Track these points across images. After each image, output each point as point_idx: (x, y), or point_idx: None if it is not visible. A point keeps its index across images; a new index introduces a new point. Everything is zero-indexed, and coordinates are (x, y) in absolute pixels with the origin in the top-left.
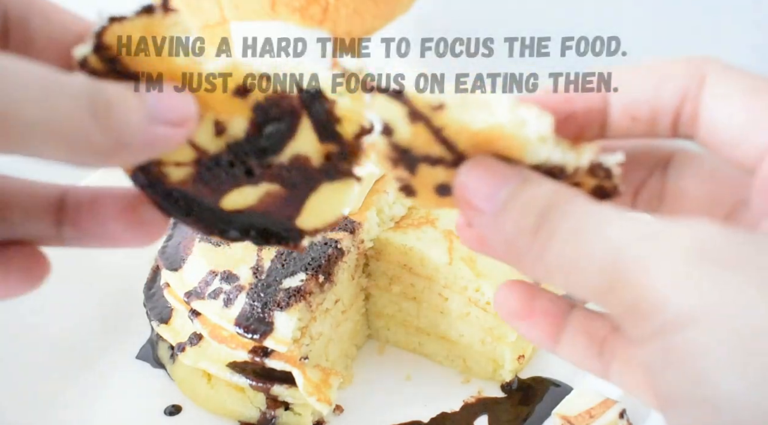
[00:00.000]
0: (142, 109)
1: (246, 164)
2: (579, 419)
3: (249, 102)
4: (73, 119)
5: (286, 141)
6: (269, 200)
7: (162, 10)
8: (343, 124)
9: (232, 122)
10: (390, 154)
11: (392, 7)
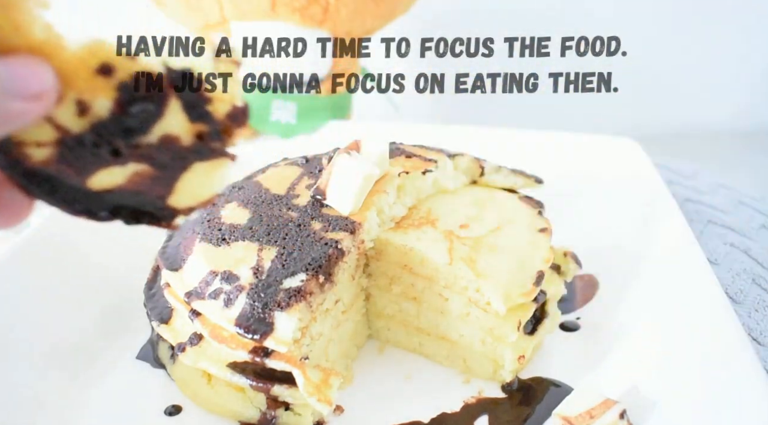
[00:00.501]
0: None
1: (112, 144)
2: (579, 419)
3: (113, 81)
4: None
5: (153, 121)
6: (139, 179)
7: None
8: (215, 104)
9: (96, 101)
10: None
11: (392, 8)
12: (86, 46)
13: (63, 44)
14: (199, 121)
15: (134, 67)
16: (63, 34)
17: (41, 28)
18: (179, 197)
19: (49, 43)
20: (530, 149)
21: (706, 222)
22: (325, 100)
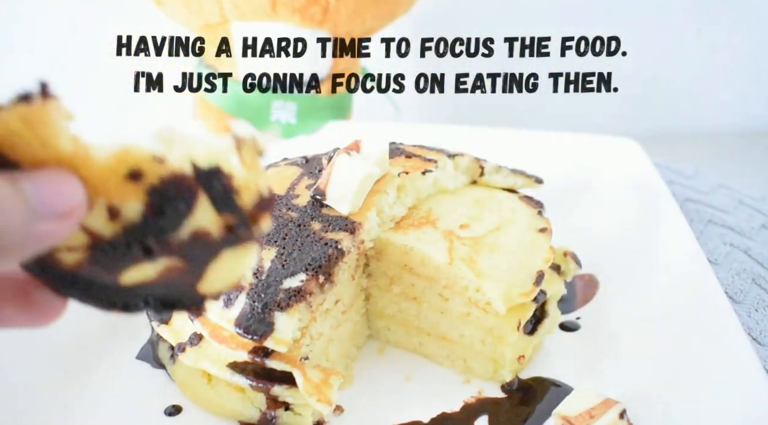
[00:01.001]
0: (22, 206)
1: (144, 244)
2: (579, 419)
3: (143, 185)
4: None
5: (183, 219)
6: (169, 273)
7: (41, 98)
8: (242, 194)
9: (126, 206)
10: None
11: (393, 8)
12: (114, 155)
13: (91, 154)
14: (227, 213)
15: (162, 170)
16: (90, 144)
17: (68, 140)
18: (209, 283)
19: (76, 154)
20: (530, 149)
21: (706, 222)
22: (326, 100)
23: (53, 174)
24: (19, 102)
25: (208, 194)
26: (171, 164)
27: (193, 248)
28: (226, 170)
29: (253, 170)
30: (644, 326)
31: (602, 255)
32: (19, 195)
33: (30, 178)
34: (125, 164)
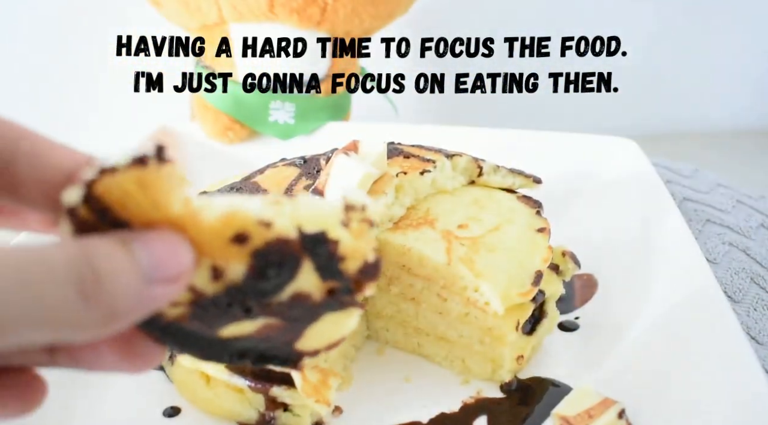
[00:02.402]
0: (136, 272)
1: (245, 304)
2: (578, 419)
3: (248, 248)
4: (60, 303)
5: (286, 284)
6: (268, 330)
7: (156, 162)
8: (347, 261)
9: (229, 267)
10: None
11: (391, 8)
12: (222, 218)
13: (200, 217)
14: (330, 279)
15: (268, 235)
16: (199, 206)
17: (180, 203)
18: (307, 342)
19: (186, 216)
20: (528, 149)
21: (704, 221)
22: (324, 101)
23: (165, 237)
24: (134, 165)
25: (313, 260)
26: (277, 229)
27: (294, 309)
28: (333, 237)
29: (360, 238)
30: (643, 325)
31: (601, 255)
32: (132, 260)
33: (142, 241)
34: (232, 227)
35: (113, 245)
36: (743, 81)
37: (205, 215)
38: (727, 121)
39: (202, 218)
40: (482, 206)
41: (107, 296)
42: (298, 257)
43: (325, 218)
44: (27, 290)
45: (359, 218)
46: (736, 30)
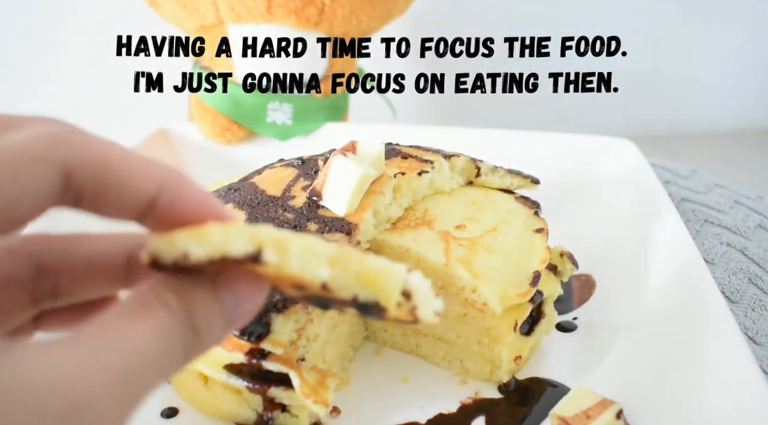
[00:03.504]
0: (224, 320)
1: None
2: (576, 419)
3: (303, 292)
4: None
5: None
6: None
7: (252, 263)
8: (388, 315)
9: (287, 292)
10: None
11: (389, 9)
12: (291, 276)
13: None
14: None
15: (325, 294)
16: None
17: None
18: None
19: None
20: (527, 150)
21: (702, 222)
22: (322, 101)
23: (246, 281)
24: (231, 262)
25: (357, 310)
26: (335, 294)
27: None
28: (383, 306)
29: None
30: (641, 326)
31: (599, 255)
32: (222, 311)
33: (227, 285)
34: (296, 281)
35: (209, 296)
36: (742, 82)
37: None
38: (725, 122)
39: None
40: (480, 206)
41: (202, 349)
42: (345, 306)
43: (384, 292)
44: (154, 368)
45: (411, 308)
46: (735, 31)
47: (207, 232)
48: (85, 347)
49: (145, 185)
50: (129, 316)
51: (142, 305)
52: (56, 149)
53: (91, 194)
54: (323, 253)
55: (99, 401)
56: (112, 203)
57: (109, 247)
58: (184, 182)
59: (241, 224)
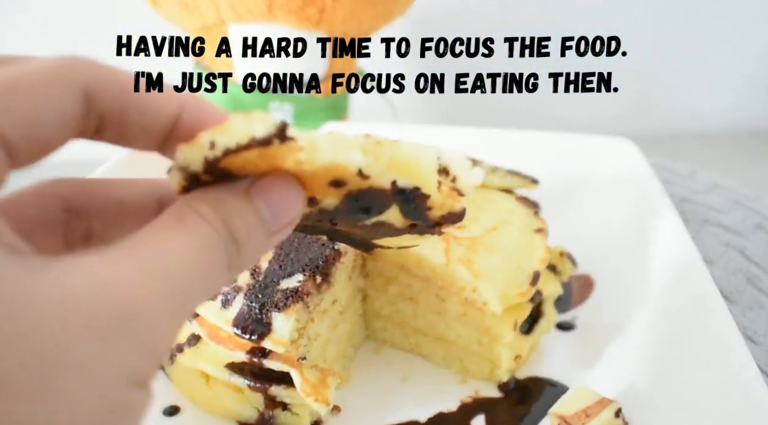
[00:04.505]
0: (263, 232)
1: (332, 220)
2: (575, 418)
3: (343, 191)
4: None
5: (372, 217)
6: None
7: (279, 142)
8: (433, 210)
9: (324, 200)
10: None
11: (390, 9)
12: (323, 166)
13: (305, 166)
14: (414, 220)
15: (363, 184)
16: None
17: (292, 162)
18: (382, 241)
19: (295, 167)
20: (526, 149)
21: (701, 222)
22: (322, 101)
23: (280, 186)
24: (259, 145)
25: (401, 205)
26: (372, 180)
27: (375, 228)
28: (425, 191)
29: (449, 198)
30: (640, 325)
31: (598, 255)
32: (260, 221)
33: (261, 194)
34: (332, 174)
35: (244, 206)
36: (741, 82)
37: (308, 164)
38: (724, 122)
39: (307, 168)
40: (480, 206)
41: (245, 262)
42: (387, 202)
43: (421, 175)
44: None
45: (451, 185)
46: (735, 31)
47: (230, 121)
48: (127, 257)
49: (167, 105)
50: (167, 229)
51: (177, 218)
52: (77, 70)
53: (114, 118)
54: (353, 142)
55: (151, 310)
56: (135, 127)
57: (140, 190)
58: (203, 103)
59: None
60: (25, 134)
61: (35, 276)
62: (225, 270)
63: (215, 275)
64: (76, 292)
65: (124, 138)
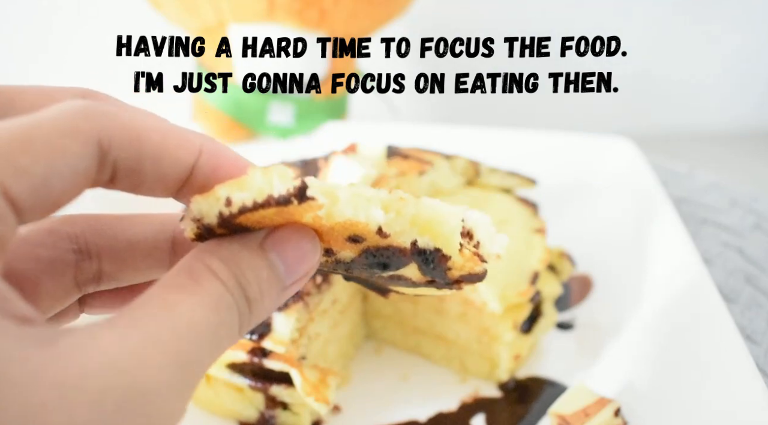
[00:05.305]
0: (277, 287)
1: (348, 271)
2: (574, 417)
3: (361, 246)
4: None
5: (390, 271)
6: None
7: (298, 202)
8: (452, 271)
9: (341, 253)
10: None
11: (389, 10)
12: (342, 223)
13: (323, 221)
14: (433, 277)
15: (382, 242)
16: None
17: (309, 218)
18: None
19: (312, 221)
20: (526, 149)
21: (700, 222)
22: (322, 102)
23: (296, 239)
24: (276, 203)
25: (419, 264)
26: (392, 239)
27: (392, 280)
28: (446, 253)
29: (471, 261)
30: (639, 324)
31: (597, 255)
32: (274, 277)
33: (277, 248)
34: (350, 230)
35: (258, 262)
36: (741, 83)
37: (327, 219)
38: (723, 122)
39: (325, 223)
40: (480, 207)
41: (256, 320)
42: (406, 260)
43: (444, 236)
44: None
45: (473, 249)
46: (735, 31)
47: (248, 176)
48: (136, 328)
49: (183, 153)
50: (178, 289)
51: (189, 276)
52: (90, 121)
53: (129, 167)
54: (374, 197)
55: (160, 386)
56: (151, 176)
57: (152, 229)
58: (220, 148)
59: (283, 166)
60: (37, 193)
61: (42, 352)
62: (236, 332)
63: (226, 337)
64: (84, 372)
65: (139, 187)
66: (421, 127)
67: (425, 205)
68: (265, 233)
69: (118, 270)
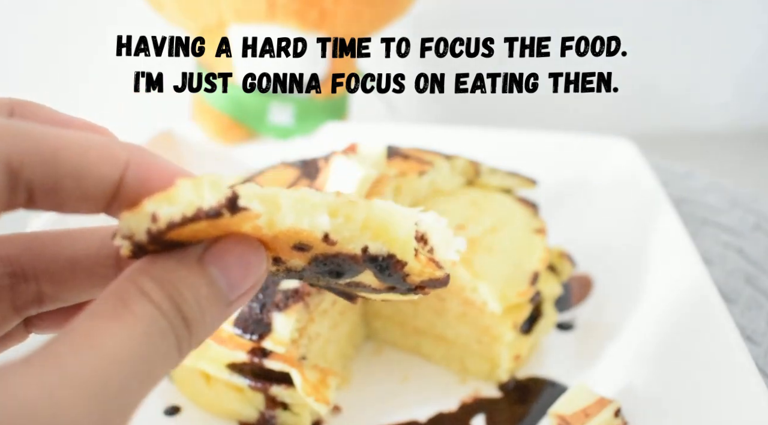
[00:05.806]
0: (218, 301)
1: (300, 277)
2: (574, 418)
3: (309, 254)
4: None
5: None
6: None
7: (230, 215)
8: (411, 277)
9: (290, 262)
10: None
11: (389, 11)
12: (285, 231)
13: (265, 231)
14: (392, 284)
15: (330, 250)
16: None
17: (248, 227)
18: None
19: (255, 231)
20: (526, 149)
21: (700, 222)
22: (323, 102)
23: (238, 250)
24: (206, 216)
25: (375, 271)
26: (340, 247)
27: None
28: (401, 259)
29: (428, 266)
30: (639, 325)
31: (597, 255)
32: (216, 293)
33: (217, 261)
34: (295, 239)
35: (196, 279)
36: (741, 83)
37: (268, 228)
38: (723, 122)
39: (266, 232)
40: (480, 207)
41: (199, 340)
42: (358, 268)
43: (396, 240)
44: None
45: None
46: (735, 32)
47: (176, 188)
48: (54, 366)
49: (106, 168)
50: (104, 317)
51: (118, 301)
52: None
53: (46, 188)
54: (320, 203)
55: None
56: (73, 194)
57: (95, 245)
58: (148, 158)
59: (216, 174)
60: None
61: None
62: (174, 355)
63: (161, 364)
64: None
65: (62, 206)
66: (421, 127)
67: (377, 208)
68: (204, 246)
69: (59, 291)
